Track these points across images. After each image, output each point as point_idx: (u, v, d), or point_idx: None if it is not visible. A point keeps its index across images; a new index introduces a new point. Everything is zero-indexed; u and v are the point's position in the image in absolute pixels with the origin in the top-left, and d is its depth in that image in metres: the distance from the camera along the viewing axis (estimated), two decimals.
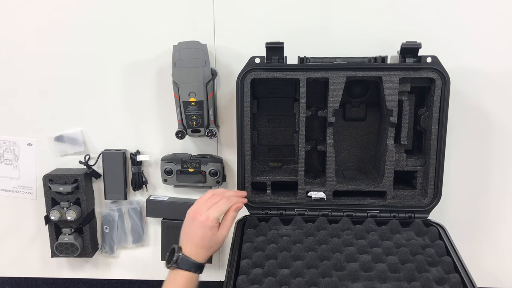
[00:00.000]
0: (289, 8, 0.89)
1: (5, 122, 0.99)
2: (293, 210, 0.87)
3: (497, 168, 0.93)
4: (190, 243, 0.75)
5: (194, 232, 0.75)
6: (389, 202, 0.86)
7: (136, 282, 1.67)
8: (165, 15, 0.91)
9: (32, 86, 0.97)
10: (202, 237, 0.74)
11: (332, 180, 0.86)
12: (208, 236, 0.75)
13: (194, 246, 0.74)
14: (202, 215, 0.75)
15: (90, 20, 0.93)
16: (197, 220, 0.75)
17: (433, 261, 0.74)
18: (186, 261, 0.73)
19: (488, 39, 0.88)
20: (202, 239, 0.74)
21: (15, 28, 0.94)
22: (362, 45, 0.89)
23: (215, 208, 0.77)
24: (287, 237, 0.80)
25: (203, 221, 0.75)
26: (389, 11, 0.88)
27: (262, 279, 0.71)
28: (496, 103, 0.90)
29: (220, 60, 0.92)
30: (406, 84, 0.83)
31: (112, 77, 0.95)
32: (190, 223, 0.76)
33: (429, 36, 0.87)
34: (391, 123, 0.83)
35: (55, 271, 1.07)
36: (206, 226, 0.75)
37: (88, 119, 0.98)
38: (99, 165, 0.99)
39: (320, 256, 0.75)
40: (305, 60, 0.83)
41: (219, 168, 0.94)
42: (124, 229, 1.02)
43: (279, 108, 0.92)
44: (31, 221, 1.03)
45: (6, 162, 1.01)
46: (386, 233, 0.81)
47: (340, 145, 0.93)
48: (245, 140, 0.85)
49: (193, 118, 0.87)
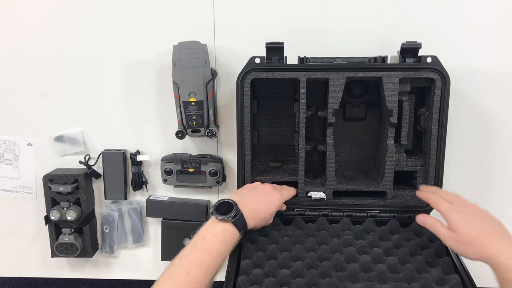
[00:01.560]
0: (289, 8, 0.89)
1: (5, 122, 0.99)
2: (293, 210, 0.87)
3: (498, 168, 0.93)
4: (251, 207, 0.74)
5: (260, 200, 0.76)
6: (389, 202, 0.86)
7: (136, 282, 1.67)
8: (165, 15, 0.91)
9: (32, 86, 0.97)
10: (266, 209, 0.76)
11: (332, 180, 0.86)
12: (270, 212, 0.77)
13: (252, 211, 0.74)
14: (276, 192, 0.78)
15: (90, 20, 0.93)
16: (269, 193, 0.78)
17: (433, 261, 0.74)
18: (242, 220, 0.72)
19: (488, 39, 0.88)
20: (265, 211, 0.76)
21: (15, 28, 0.94)
22: (362, 45, 0.89)
23: (287, 191, 0.81)
24: (287, 238, 0.80)
25: (274, 197, 0.78)
26: (389, 11, 0.88)
27: (262, 280, 0.71)
28: (496, 103, 0.90)
29: (220, 60, 0.92)
30: (406, 84, 0.83)
31: (112, 77, 0.95)
32: (258, 190, 0.78)
33: (429, 36, 0.87)
34: (391, 123, 0.83)
35: (55, 271, 1.07)
36: (275, 202, 0.77)
37: (88, 119, 0.98)
38: (99, 165, 0.99)
39: (320, 257, 0.75)
40: (305, 60, 0.83)
41: (219, 168, 0.94)
42: (124, 229, 1.02)
43: (279, 108, 0.92)
44: (31, 221, 1.03)
45: (6, 162, 1.01)
46: (386, 234, 0.81)
47: (340, 145, 0.93)
48: (245, 140, 0.85)
49: (193, 118, 0.87)
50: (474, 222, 0.69)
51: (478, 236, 0.67)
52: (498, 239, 0.66)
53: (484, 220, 0.70)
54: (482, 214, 0.71)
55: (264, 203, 0.77)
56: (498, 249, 0.65)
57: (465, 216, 0.70)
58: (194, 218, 0.97)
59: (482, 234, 0.67)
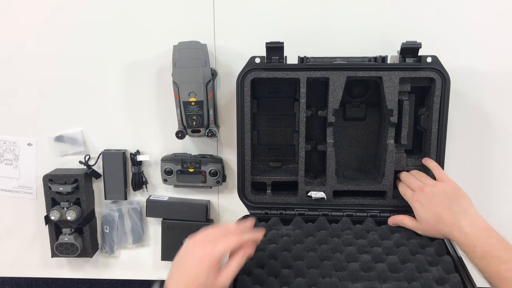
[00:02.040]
0: (289, 8, 0.89)
1: (5, 122, 0.99)
2: (293, 210, 0.87)
3: (498, 168, 0.93)
4: (178, 280, 0.59)
5: (188, 266, 0.60)
6: (389, 202, 0.86)
7: (136, 282, 1.67)
8: (165, 15, 0.91)
9: (32, 86, 0.97)
10: (196, 276, 0.58)
11: (332, 180, 0.86)
12: (204, 277, 0.58)
13: (182, 285, 0.58)
14: (205, 247, 0.60)
15: (90, 20, 0.93)
16: (196, 252, 0.60)
17: (433, 260, 0.74)
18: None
19: (488, 39, 0.88)
20: (196, 278, 0.58)
21: (15, 28, 0.94)
22: (362, 45, 0.89)
23: (223, 241, 0.61)
24: (287, 237, 0.80)
25: (203, 255, 0.59)
26: (389, 11, 0.88)
27: (262, 279, 0.71)
28: (496, 103, 0.90)
29: (220, 60, 0.92)
30: (406, 84, 0.83)
31: (112, 77, 0.95)
32: (186, 254, 0.61)
33: (429, 36, 0.87)
34: (391, 123, 0.83)
35: (55, 271, 1.07)
36: (206, 262, 0.59)
37: (88, 119, 0.98)
38: (99, 165, 0.99)
39: (320, 256, 0.75)
40: (305, 60, 0.83)
41: (219, 168, 0.94)
42: (124, 229, 1.02)
43: (279, 108, 0.92)
44: (31, 221, 1.03)
45: (6, 162, 1.01)
46: (386, 233, 0.81)
47: (340, 145, 0.93)
48: (245, 140, 0.85)
49: (193, 118, 0.87)
50: (431, 206, 0.75)
51: (434, 219, 0.74)
52: (452, 216, 0.72)
53: (442, 200, 0.74)
54: (441, 193, 0.75)
55: (196, 266, 0.59)
56: (451, 225, 0.71)
57: (423, 203, 0.76)
58: (194, 218, 0.97)
59: (437, 216, 0.74)
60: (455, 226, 0.71)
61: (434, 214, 0.74)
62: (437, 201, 0.75)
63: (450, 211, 0.73)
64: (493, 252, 0.66)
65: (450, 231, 0.72)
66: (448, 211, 0.73)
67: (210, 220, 1.00)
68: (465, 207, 0.73)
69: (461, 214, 0.72)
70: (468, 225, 0.70)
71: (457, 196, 0.75)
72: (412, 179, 0.81)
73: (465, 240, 0.69)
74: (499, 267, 0.64)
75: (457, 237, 0.71)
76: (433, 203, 0.75)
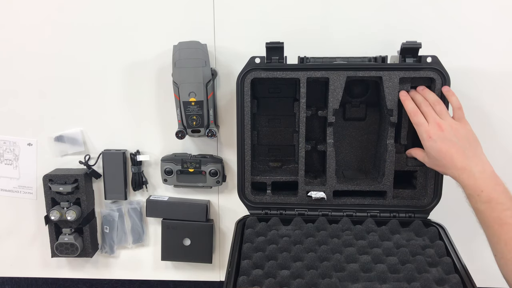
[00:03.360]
0: (289, 8, 0.89)
1: (5, 122, 0.99)
2: (293, 210, 0.87)
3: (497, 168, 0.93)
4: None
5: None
6: (389, 202, 0.86)
7: (136, 282, 1.67)
8: (165, 15, 0.91)
9: (32, 86, 0.97)
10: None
11: (332, 180, 0.86)
12: None
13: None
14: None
15: (90, 20, 0.93)
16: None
17: (433, 261, 0.74)
18: None
19: (488, 39, 0.88)
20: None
21: (15, 28, 0.94)
22: (362, 45, 0.89)
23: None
24: (287, 238, 0.80)
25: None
26: (389, 11, 0.88)
27: (262, 280, 0.71)
28: (496, 103, 0.90)
29: (220, 60, 0.92)
30: (406, 84, 0.83)
31: (112, 77, 0.95)
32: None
33: (429, 36, 0.87)
34: (391, 123, 0.83)
35: (55, 271, 1.07)
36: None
37: (88, 119, 0.98)
38: (99, 165, 0.99)
39: (320, 257, 0.75)
40: (305, 60, 0.83)
41: (219, 168, 0.94)
42: (124, 229, 1.02)
43: (279, 108, 0.92)
44: (31, 221, 1.03)
45: (6, 162, 1.01)
46: (386, 234, 0.81)
47: (340, 145, 0.93)
48: (245, 140, 0.85)
49: (193, 118, 0.87)
50: (444, 145, 0.75)
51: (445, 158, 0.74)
52: (464, 160, 0.73)
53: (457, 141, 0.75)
54: (457, 135, 0.75)
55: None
56: (462, 168, 0.72)
57: (436, 140, 0.75)
58: (194, 218, 0.97)
59: (448, 157, 0.74)
60: (466, 170, 0.72)
61: (446, 155, 0.74)
62: (452, 143, 0.75)
63: (464, 155, 0.74)
64: (498, 199, 0.68)
65: (459, 174, 0.73)
66: (461, 155, 0.74)
67: (210, 220, 1.00)
68: (478, 153, 0.75)
69: (474, 159, 0.73)
70: (480, 171, 0.72)
71: (471, 141, 0.76)
72: (430, 109, 0.79)
73: (473, 184, 0.71)
74: (502, 213, 0.67)
75: (465, 180, 0.72)
76: (447, 143, 0.75)
